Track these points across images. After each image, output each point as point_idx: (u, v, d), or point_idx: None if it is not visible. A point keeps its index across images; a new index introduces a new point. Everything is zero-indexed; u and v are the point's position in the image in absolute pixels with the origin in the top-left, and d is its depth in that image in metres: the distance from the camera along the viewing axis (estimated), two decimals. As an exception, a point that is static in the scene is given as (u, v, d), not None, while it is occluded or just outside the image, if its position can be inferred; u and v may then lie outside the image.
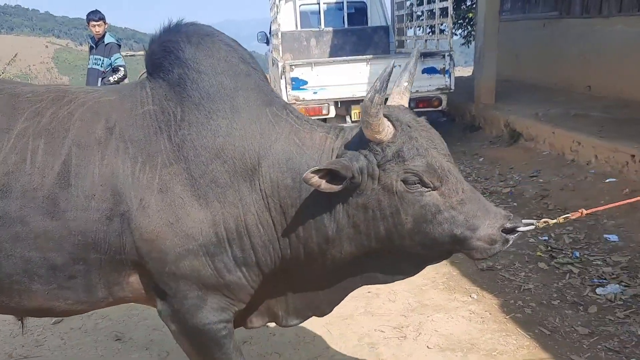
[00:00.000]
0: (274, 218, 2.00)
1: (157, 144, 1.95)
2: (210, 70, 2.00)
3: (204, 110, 1.97)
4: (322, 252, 2.04)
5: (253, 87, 2.05)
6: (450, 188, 1.89)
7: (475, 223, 1.90)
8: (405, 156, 1.86)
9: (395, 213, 1.90)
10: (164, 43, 2.06)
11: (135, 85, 2.11)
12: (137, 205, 1.89)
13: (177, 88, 2.00)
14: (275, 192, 1.97)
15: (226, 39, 2.12)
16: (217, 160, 1.93)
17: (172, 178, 1.91)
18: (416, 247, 1.96)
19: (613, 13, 8.43)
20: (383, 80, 1.80)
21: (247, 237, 1.99)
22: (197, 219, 1.91)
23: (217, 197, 1.93)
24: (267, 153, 1.97)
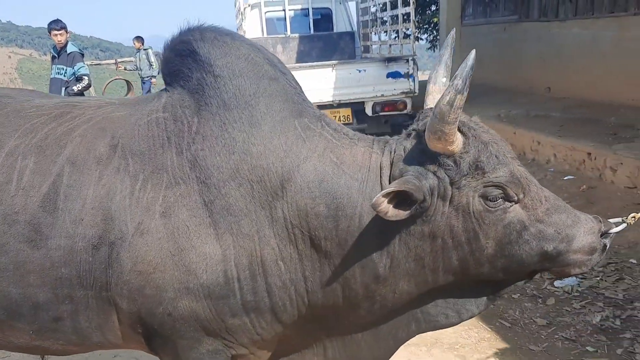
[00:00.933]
0: (300, 253, 1.66)
1: (164, 158, 1.66)
2: (226, 71, 1.68)
3: (219, 121, 1.66)
4: (369, 294, 1.69)
5: (279, 93, 1.70)
6: (533, 198, 1.60)
7: (570, 234, 1.60)
8: (485, 167, 1.54)
9: (473, 238, 1.58)
10: (177, 46, 1.79)
11: (153, 97, 1.85)
12: (134, 231, 1.61)
13: (196, 95, 1.71)
14: (303, 222, 1.63)
15: (250, 40, 1.82)
16: (231, 183, 1.62)
17: (178, 200, 1.62)
18: (497, 274, 1.65)
19: (569, 16, 8.73)
20: (466, 77, 1.44)
21: (262, 276, 1.65)
22: (203, 252, 1.61)
23: (230, 227, 1.61)
24: (293, 174, 1.62)
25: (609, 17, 7.88)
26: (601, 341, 3.15)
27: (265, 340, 1.77)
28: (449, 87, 1.45)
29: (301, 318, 1.75)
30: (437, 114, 1.47)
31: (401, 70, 7.50)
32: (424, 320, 1.78)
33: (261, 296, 1.67)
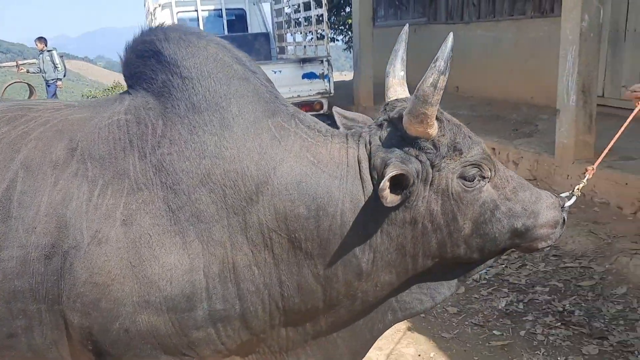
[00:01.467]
0: (276, 257, 1.59)
1: (125, 163, 1.55)
2: (195, 72, 1.60)
3: (188, 124, 1.57)
4: (351, 292, 1.65)
5: (250, 93, 1.63)
6: (501, 177, 1.65)
7: (535, 209, 1.67)
8: (462, 148, 1.56)
9: (452, 220, 1.59)
10: (138, 47, 1.68)
11: (113, 99, 1.73)
12: (90, 239, 1.49)
13: (161, 98, 1.61)
14: (282, 225, 1.56)
15: (217, 39, 1.71)
16: (202, 189, 1.53)
17: (141, 208, 1.51)
18: (472, 254, 1.67)
19: (473, 19, 9.19)
20: (447, 58, 1.45)
21: (234, 282, 1.57)
22: (168, 263, 1.50)
23: (200, 235, 1.52)
24: (270, 177, 1.55)
25: (509, 19, 8.37)
26: (506, 325, 3.34)
27: (229, 349, 1.68)
28: (431, 69, 1.45)
29: (273, 325, 1.69)
30: (420, 96, 1.46)
31: (316, 71, 7.60)
32: (400, 308, 1.77)
33: (232, 303, 1.59)
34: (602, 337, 3.11)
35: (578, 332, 3.18)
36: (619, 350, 2.99)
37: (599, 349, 3.00)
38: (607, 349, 3.01)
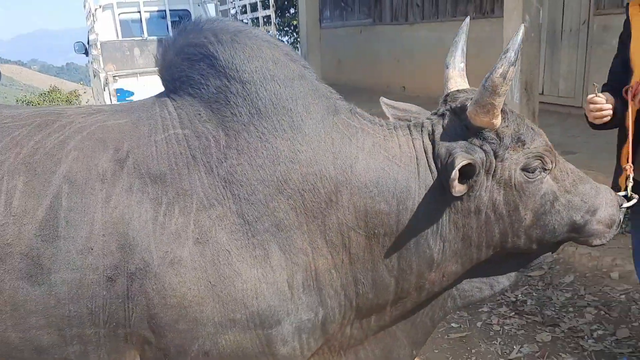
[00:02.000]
0: (353, 255, 1.56)
1: (191, 179, 1.46)
2: (257, 76, 1.52)
3: (255, 131, 1.49)
4: (421, 283, 1.64)
5: (311, 91, 1.57)
6: (561, 169, 1.65)
7: (594, 204, 1.66)
8: (525, 139, 1.56)
9: (514, 210, 1.59)
10: (185, 49, 1.56)
11: (152, 104, 1.60)
12: (160, 261, 1.41)
13: (215, 105, 1.52)
14: (361, 223, 1.54)
15: (264, 35, 1.63)
16: (280, 196, 1.47)
17: (215, 224, 1.44)
18: (531, 245, 1.67)
19: (417, 20, 9.40)
20: (517, 50, 1.45)
21: (316, 290, 1.53)
22: (252, 277, 1.44)
23: (281, 244, 1.47)
24: (347, 176, 1.52)
25: (452, 20, 8.60)
26: (464, 317, 3.42)
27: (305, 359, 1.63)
28: (501, 59, 1.44)
29: (342, 324, 1.66)
30: (488, 87, 1.45)
31: (265, 72, 7.55)
32: (459, 296, 1.77)
33: (315, 311, 1.54)
34: (553, 324, 3.24)
35: (531, 321, 3.30)
36: (570, 336, 3.12)
37: (552, 336, 3.13)
38: (559, 335, 3.14)
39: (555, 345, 3.05)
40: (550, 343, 3.07)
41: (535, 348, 3.03)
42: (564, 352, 2.98)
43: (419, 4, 9.34)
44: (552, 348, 3.02)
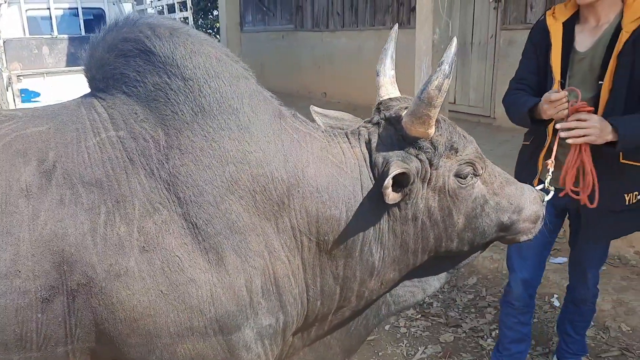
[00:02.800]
0: (305, 262, 1.54)
1: (130, 184, 1.37)
2: (200, 72, 1.43)
3: (200, 130, 1.41)
4: (361, 291, 1.64)
5: (256, 93, 1.51)
6: (490, 173, 1.70)
7: (519, 204, 1.72)
8: (458, 147, 1.59)
9: (447, 215, 1.63)
10: (118, 45, 1.45)
11: (76, 106, 1.48)
12: (105, 274, 1.31)
13: (153, 103, 1.42)
14: (313, 228, 1.51)
15: (202, 33, 1.54)
16: (231, 197, 1.40)
17: (162, 229, 1.35)
18: (463, 247, 1.71)
19: (338, 28, 9.56)
20: (451, 62, 1.46)
21: (276, 295, 1.49)
22: (206, 282, 1.37)
23: (236, 247, 1.40)
24: (299, 180, 1.49)
25: (370, 29, 8.82)
26: (373, 321, 3.50)
27: None
28: (437, 72, 1.45)
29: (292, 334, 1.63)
30: (424, 99, 1.46)
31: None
32: (394, 302, 1.78)
33: (276, 317, 1.50)
34: (456, 325, 3.38)
35: (436, 322, 3.42)
36: (471, 336, 3.27)
37: (454, 336, 3.26)
38: (461, 335, 3.27)
39: (457, 345, 3.18)
40: (452, 343, 3.20)
41: (438, 349, 3.15)
42: (464, 352, 3.11)
43: (339, 12, 9.50)
44: (454, 348, 3.15)
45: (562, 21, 2.25)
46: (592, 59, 2.21)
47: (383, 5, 8.58)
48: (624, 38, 2.10)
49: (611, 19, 2.18)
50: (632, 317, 3.29)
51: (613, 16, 2.18)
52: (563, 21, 2.25)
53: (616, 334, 3.20)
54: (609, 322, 3.28)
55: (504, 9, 6.71)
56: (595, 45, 2.20)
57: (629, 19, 2.12)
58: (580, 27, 2.24)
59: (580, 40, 2.23)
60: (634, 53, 2.09)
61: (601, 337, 3.18)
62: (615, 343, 3.12)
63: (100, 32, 1.50)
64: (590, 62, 2.21)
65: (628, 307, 3.35)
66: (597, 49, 2.19)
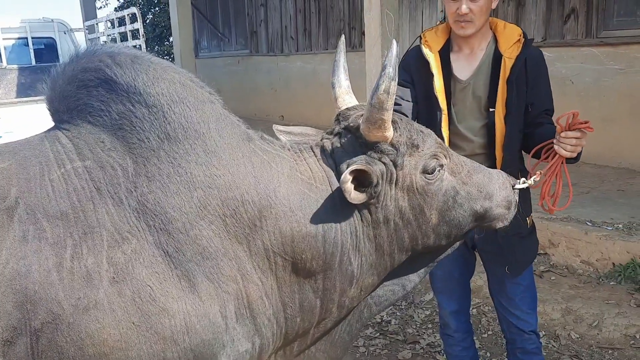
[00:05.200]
0: (280, 281, 1.52)
1: (98, 215, 1.33)
2: (164, 99, 1.42)
3: (166, 156, 1.40)
4: (342, 300, 1.64)
5: (223, 117, 1.51)
6: (456, 162, 1.70)
7: (489, 191, 1.73)
8: (418, 143, 1.61)
9: (419, 213, 1.63)
10: (79, 76, 1.44)
11: (40, 140, 1.45)
12: (73, 309, 1.27)
13: (119, 132, 1.40)
14: (288, 248, 1.50)
15: (163, 60, 1.54)
16: (201, 223, 1.39)
17: (132, 259, 1.32)
18: (440, 241, 1.71)
19: (292, 52, 9.69)
20: (395, 65, 1.47)
21: (251, 319, 1.47)
22: (179, 311, 1.34)
23: (208, 273, 1.38)
24: (272, 202, 1.48)
25: (324, 53, 8.98)
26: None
27: None
28: (382, 77, 1.47)
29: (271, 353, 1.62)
30: (375, 104, 1.48)
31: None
32: (375, 303, 1.78)
33: (252, 341, 1.48)
34: (414, 341, 3.44)
35: (394, 340, 3.47)
36: (428, 352, 3.33)
37: (412, 353, 3.31)
38: (418, 352, 3.33)
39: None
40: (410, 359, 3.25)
41: (397, 366, 3.19)
42: (422, 368, 3.16)
43: (293, 36, 9.65)
44: (412, 364, 3.20)
45: (436, 50, 2.22)
46: (475, 86, 2.20)
47: (335, 29, 8.76)
48: (509, 64, 2.11)
49: (484, 46, 2.20)
50: (580, 324, 3.41)
51: (485, 43, 2.20)
52: (437, 50, 2.22)
53: (566, 341, 3.31)
54: (559, 331, 3.40)
55: (451, 30, 6.94)
56: (476, 73, 2.20)
57: (506, 45, 2.15)
58: (455, 55, 2.23)
59: (459, 68, 2.21)
60: (521, 76, 2.11)
61: (552, 345, 3.29)
62: (565, 351, 3.23)
63: (59, 65, 1.49)
64: (472, 90, 2.20)
65: (576, 315, 3.47)
66: (479, 76, 2.19)
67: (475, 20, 2.10)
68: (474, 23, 2.11)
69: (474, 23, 2.11)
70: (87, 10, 11.44)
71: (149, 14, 16.62)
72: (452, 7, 2.12)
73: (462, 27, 2.12)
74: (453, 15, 2.12)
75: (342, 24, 8.60)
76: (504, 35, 2.18)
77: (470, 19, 2.09)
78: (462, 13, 2.08)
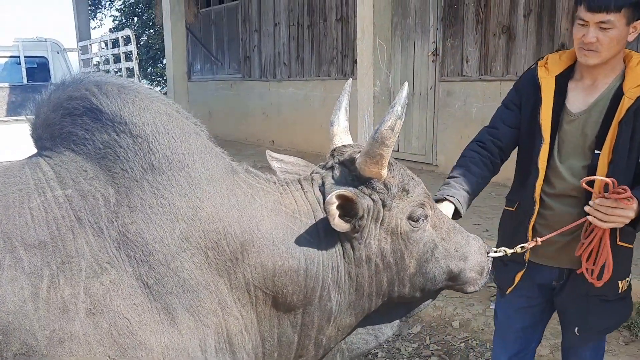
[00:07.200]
0: (260, 314, 1.51)
1: (77, 244, 1.31)
2: (149, 129, 1.41)
3: (149, 187, 1.38)
4: (319, 338, 1.62)
5: (207, 149, 1.50)
6: (438, 217, 1.71)
7: (465, 252, 1.74)
8: (409, 188, 1.62)
9: (400, 259, 1.63)
10: (64, 104, 1.42)
11: (20, 167, 1.43)
12: (47, 341, 1.23)
13: (103, 161, 1.38)
14: (269, 282, 1.48)
15: (151, 90, 1.54)
16: (182, 254, 1.37)
17: (110, 290, 1.29)
18: (415, 293, 1.70)
19: (285, 78, 9.74)
20: (404, 104, 1.51)
21: (231, 353, 1.45)
22: (158, 345, 1.31)
23: (188, 306, 1.36)
24: (254, 234, 1.47)
25: (316, 80, 9.04)
26: None
27: None
28: (389, 113, 1.50)
29: None
30: (378, 138, 1.50)
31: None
32: (347, 349, 1.76)
33: None
34: (401, 375, 3.38)
35: (381, 373, 3.41)
36: (414, 386, 3.27)
37: (398, 387, 3.25)
38: (405, 385, 3.27)
39: (401, 396, 3.18)
40: (397, 394, 3.19)
41: (382, 401, 3.13)
42: (408, 403, 3.10)
43: (286, 62, 9.72)
44: (398, 399, 3.14)
45: (554, 74, 2.02)
46: (585, 123, 1.97)
47: (328, 57, 8.83)
48: (627, 104, 1.86)
49: (610, 80, 1.95)
50: (567, 360, 3.38)
51: (612, 78, 1.95)
52: (556, 74, 2.02)
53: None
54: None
55: (442, 61, 7.03)
56: (590, 108, 1.97)
57: (631, 83, 1.88)
58: (574, 84, 2.01)
59: (573, 99, 1.99)
60: (635, 121, 1.87)
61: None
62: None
63: (43, 92, 1.48)
64: (582, 126, 1.98)
65: (564, 350, 3.44)
66: (592, 112, 1.96)
67: (602, 52, 1.86)
68: (600, 54, 1.87)
69: (599, 54, 1.87)
70: (82, 31, 11.50)
71: (143, 35, 16.73)
72: (578, 32, 1.89)
73: (585, 56, 1.90)
74: (578, 41, 1.90)
75: (335, 52, 8.68)
76: (634, 72, 1.91)
77: (596, 48, 1.86)
78: (588, 42, 1.85)
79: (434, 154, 7.23)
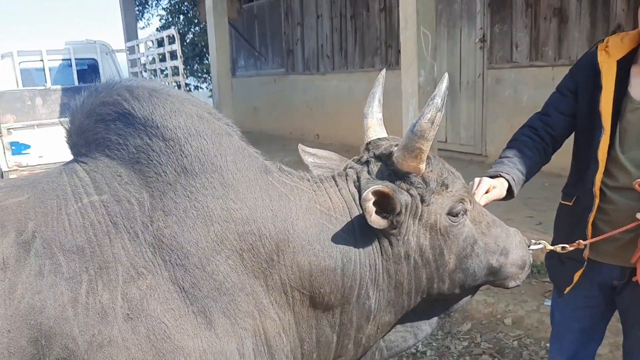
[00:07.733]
0: (297, 315, 1.49)
1: (114, 249, 1.32)
2: (181, 132, 1.40)
3: (182, 190, 1.38)
4: (358, 337, 1.59)
5: (240, 149, 1.48)
6: (478, 211, 1.67)
7: (506, 247, 1.69)
8: (448, 183, 1.57)
9: (439, 255, 1.59)
10: (97, 110, 1.44)
11: (58, 173, 1.45)
12: (88, 346, 1.25)
13: (137, 166, 1.39)
14: (305, 282, 1.47)
15: (182, 93, 1.56)
16: (218, 257, 1.36)
17: (147, 295, 1.30)
18: (455, 290, 1.66)
19: (328, 70, 9.68)
20: (444, 96, 1.47)
21: (269, 356, 1.44)
22: (195, 349, 1.31)
23: (225, 309, 1.35)
24: (289, 235, 1.45)
25: (360, 71, 8.92)
26: None
27: None
28: (429, 105, 1.45)
29: None
30: (417, 132, 1.46)
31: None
32: (386, 347, 1.73)
33: None
34: (451, 374, 3.28)
35: (430, 373, 3.32)
36: (465, 386, 3.16)
37: (448, 387, 3.15)
38: (455, 386, 3.17)
39: (452, 397, 3.08)
40: (447, 395, 3.09)
41: (432, 401, 3.04)
42: (459, 404, 3.00)
43: (329, 55, 9.64)
44: (449, 400, 3.04)
45: (616, 59, 1.88)
46: None
47: (371, 48, 8.70)
48: None
49: None
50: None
51: None
52: (618, 59, 1.88)
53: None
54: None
55: (490, 48, 6.79)
56: None
57: None
58: (638, 69, 1.88)
59: (637, 85, 1.86)
60: None
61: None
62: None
63: (78, 99, 1.49)
64: None
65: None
66: None
67: None
68: None
69: None
70: (129, 32, 11.76)
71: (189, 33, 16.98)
72: None
73: None
74: None
75: (379, 42, 8.54)
76: None
77: None
78: None
79: (483, 144, 7.00)
